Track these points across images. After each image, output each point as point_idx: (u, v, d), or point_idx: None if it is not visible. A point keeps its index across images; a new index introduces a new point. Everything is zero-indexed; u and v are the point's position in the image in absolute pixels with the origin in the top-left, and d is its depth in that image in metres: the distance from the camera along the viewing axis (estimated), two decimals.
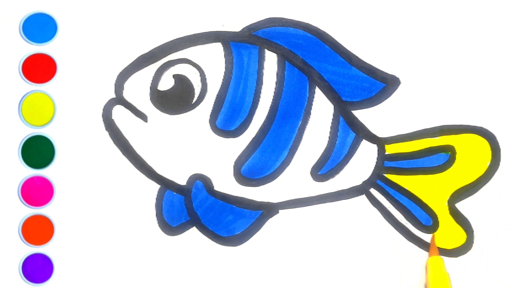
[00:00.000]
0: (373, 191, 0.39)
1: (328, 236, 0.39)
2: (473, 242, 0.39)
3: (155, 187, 0.39)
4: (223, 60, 0.39)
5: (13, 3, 0.39)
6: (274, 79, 0.39)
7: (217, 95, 0.39)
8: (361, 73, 0.39)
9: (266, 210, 0.39)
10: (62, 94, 0.39)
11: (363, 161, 0.39)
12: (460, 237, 0.39)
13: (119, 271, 0.38)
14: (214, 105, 0.39)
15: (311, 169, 0.39)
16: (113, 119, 0.39)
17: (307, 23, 0.39)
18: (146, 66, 0.39)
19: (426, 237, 0.39)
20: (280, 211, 0.39)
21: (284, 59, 0.39)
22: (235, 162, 0.39)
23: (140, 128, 0.39)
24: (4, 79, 0.38)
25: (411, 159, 0.39)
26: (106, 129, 0.39)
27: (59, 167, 0.38)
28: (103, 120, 0.39)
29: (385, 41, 0.39)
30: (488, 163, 0.39)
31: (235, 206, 0.39)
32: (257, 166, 0.39)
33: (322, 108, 0.39)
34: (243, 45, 0.39)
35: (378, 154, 0.39)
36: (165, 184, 0.39)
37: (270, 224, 0.39)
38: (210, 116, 0.39)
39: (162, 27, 0.39)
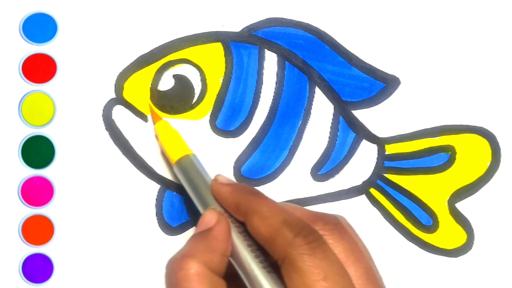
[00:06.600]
0: (373, 191, 0.39)
1: None
2: (473, 242, 0.39)
3: (155, 187, 0.39)
4: (223, 60, 0.39)
5: (13, 3, 0.39)
6: (274, 79, 0.39)
7: (217, 95, 0.39)
8: (361, 73, 0.39)
9: None
10: (62, 94, 0.39)
11: (363, 161, 0.39)
12: (460, 237, 0.39)
13: (119, 271, 0.38)
14: (214, 105, 0.39)
15: (311, 169, 0.39)
16: (113, 119, 0.39)
17: (307, 23, 0.39)
18: (146, 66, 0.39)
19: (426, 237, 0.39)
20: None
21: (284, 59, 0.39)
22: (235, 162, 0.39)
23: (140, 128, 0.39)
24: (4, 79, 0.38)
25: (411, 159, 0.39)
26: (106, 129, 0.39)
27: (59, 167, 0.38)
28: (103, 120, 0.39)
29: (385, 41, 0.40)
30: (488, 163, 0.39)
31: None
32: (257, 166, 0.39)
33: (322, 108, 0.39)
34: (243, 45, 0.39)
35: (378, 154, 0.39)
36: (165, 184, 0.39)
37: None
38: (210, 116, 0.39)
39: (162, 27, 0.39)
